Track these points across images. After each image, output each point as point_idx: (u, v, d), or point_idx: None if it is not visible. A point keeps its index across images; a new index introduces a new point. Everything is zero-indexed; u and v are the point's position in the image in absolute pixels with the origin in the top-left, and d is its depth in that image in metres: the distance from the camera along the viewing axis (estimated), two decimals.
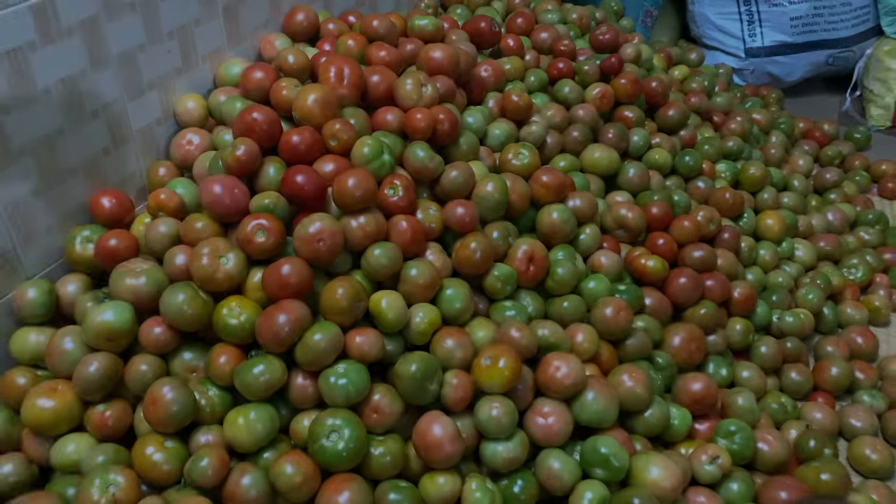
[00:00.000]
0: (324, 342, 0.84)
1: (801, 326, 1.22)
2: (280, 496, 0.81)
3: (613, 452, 0.89)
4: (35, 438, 0.84)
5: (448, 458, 0.85)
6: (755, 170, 1.41)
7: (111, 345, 0.85)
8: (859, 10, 2.01)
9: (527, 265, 1.02)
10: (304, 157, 0.96)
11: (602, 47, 1.52)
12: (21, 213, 0.88)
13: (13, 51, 0.81)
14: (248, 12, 1.16)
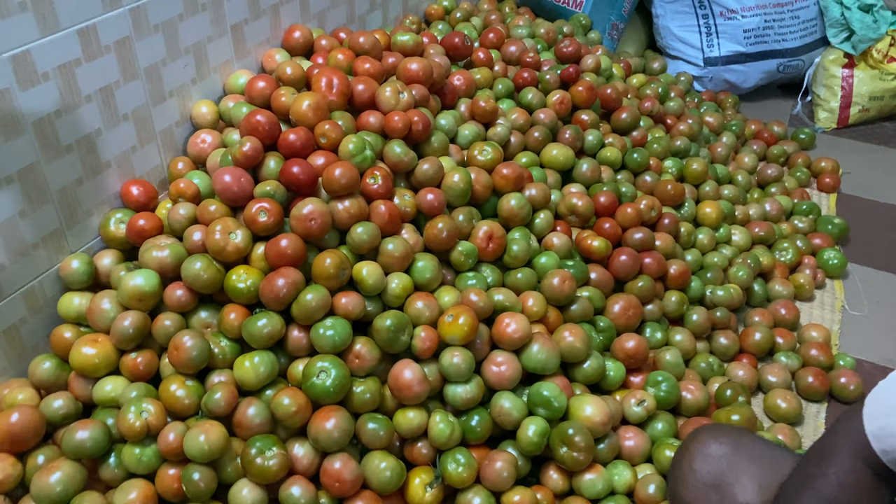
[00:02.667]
0: (315, 301, 1.03)
1: (730, 299, 1.40)
2: (279, 423, 1.00)
3: (554, 395, 1.08)
4: (80, 380, 1.03)
5: (417, 397, 1.04)
6: (697, 165, 1.60)
7: (141, 305, 1.04)
8: (807, 23, 2.21)
9: (487, 243, 1.21)
10: (299, 152, 1.15)
11: (565, 58, 1.72)
12: (67, 198, 1.07)
13: (63, 66, 1.01)
14: (253, 30, 1.35)
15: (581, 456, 1.03)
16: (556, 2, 2.14)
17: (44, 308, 1.08)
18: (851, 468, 0.78)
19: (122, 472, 0.97)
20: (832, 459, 0.79)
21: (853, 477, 0.78)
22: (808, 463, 0.83)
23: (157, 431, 0.96)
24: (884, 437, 0.74)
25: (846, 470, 0.78)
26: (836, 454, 0.79)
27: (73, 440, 0.94)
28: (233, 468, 0.96)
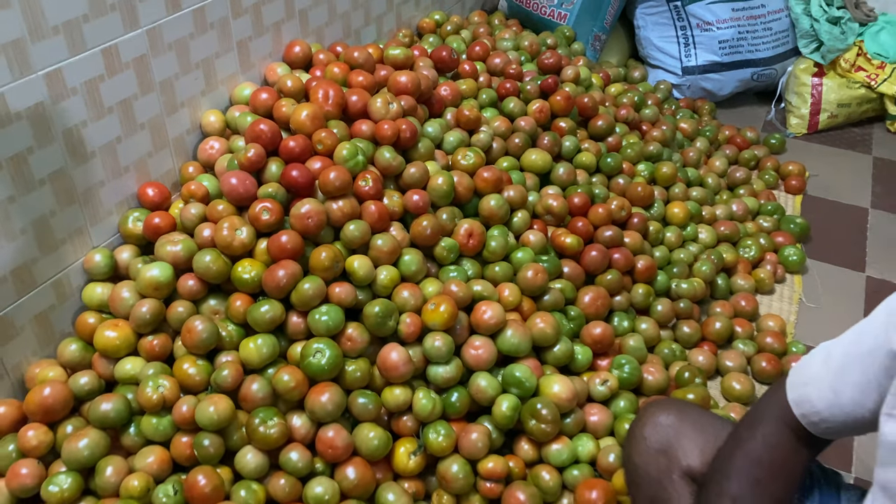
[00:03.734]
0: (311, 290, 1.15)
1: (693, 291, 1.53)
2: (279, 397, 1.12)
3: (525, 376, 1.20)
4: (103, 360, 1.16)
5: (402, 376, 1.17)
6: (667, 168, 1.73)
7: (157, 293, 1.17)
8: (779, 34, 2.34)
9: (467, 239, 1.34)
10: (298, 158, 1.28)
11: (546, 69, 1.85)
12: (91, 199, 1.20)
13: (89, 81, 1.14)
14: (256, 46, 1.48)
15: (548, 428, 1.16)
16: (543, 15, 2.27)
17: (70, 297, 1.21)
18: (776, 431, 0.90)
19: (140, 440, 1.10)
20: (760, 424, 0.92)
21: (777, 438, 0.90)
22: (740, 427, 0.96)
23: (171, 404, 1.09)
24: (802, 403, 0.86)
25: (772, 432, 0.90)
26: (763, 419, 0.92)
27: (98, 411, 1.07)
28: (238, 436, 1.09)
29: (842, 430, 0.84)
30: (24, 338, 1.15)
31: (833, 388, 0.82)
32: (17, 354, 1.14)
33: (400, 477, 1.16)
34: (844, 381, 0.80)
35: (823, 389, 0.83)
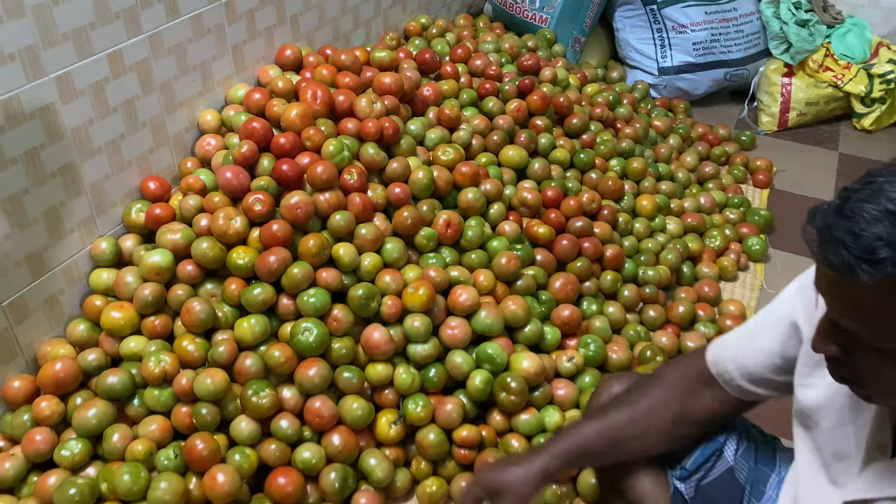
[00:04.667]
0: (300, 275, 1.26)
1: (658, 278, 1.64)
2: (271, 371, 1.23)
3: (497, 353, 1.31)
4: (108, 339, 1.26)
5: (384, 354, 1.28)
6: (637, 164, 1.83)
7: (158, 278, 1.27)
8: (750, 36, 2.45)
9: (446, 229, 1.45)
10: (288, 153, 1.38)
11: (525, 70, 1.95)
12: (97, 191, 1.31)
13: (96, 83, 1.24)
14: (250, 50, 1.59)
15: (517, 399, 1.27)
16: (525, 18, 2.38)
17: (78, 281, 1.31)
18: (688, 366, 1.00)
19: (144, 410, 1.20)
20: (680, 362, 1.03)
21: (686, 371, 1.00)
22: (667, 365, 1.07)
23: (172, 377, 1.19)
24: (717, 363, 0.97)
25: (686, 366, 1.00)
26: (684, 360, 1.03)
27: (105, 384, 1.17)
28: (233, 406, 1.20)
29: (750, 390, 0.95)
30: (36, 318, 1.25)
31: (744, 352, 0.93)
32: (30, 334, 1.25)
33: (382, 444, 1.27)
34: (753, 346, 0.92)
35: (736, 352, 0.94)
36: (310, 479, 1.19)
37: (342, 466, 1.19)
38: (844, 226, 0.60)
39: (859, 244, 0.58)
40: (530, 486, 0.95)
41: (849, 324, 0.65)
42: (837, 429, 0.84)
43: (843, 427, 0.83)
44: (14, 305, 1.20)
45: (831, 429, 0.84)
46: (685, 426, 1.00)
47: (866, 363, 0.67)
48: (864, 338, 0.65)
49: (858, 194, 0.61)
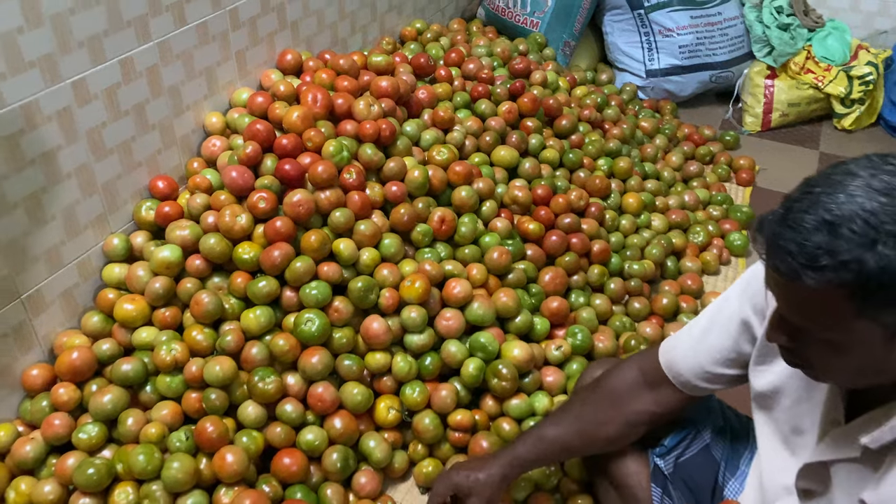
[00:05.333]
0: (302, 268, 1.33)
1: (643, 272, 1.72)
2: (276, 359, 1.30)
3: (489, 342, 1.39)
4: (121, 329, 1.33)
5: (382, 343, 1.35)
6: (624, 163, 1.91)
7: (168, 272, 1.34)
8: (734, 39, 2.53)
9: (440, 225, 1.52)
10: (290, 153, 1.46)
11: (517, 73, 2.03)
12: (109, 190, 1.38)
13: (108, 88, 1.31)
14: (253, 55, 1.66)
15: (508, 385, 1.34)
16: (517, 22, 2.46)
17: (91, 275, 1.38)
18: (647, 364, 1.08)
19: (156, 396, 1.27)
20: (640, 356, 1.11)
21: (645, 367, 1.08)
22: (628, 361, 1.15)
23: (182, 364, 1.26)
24: (669, 366, 1.04)
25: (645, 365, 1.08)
26: (642, 355, 1.11)
27: (119, 371, 1.25)
28: (240, 392, 1.27)
29: (703, 387, 1.02)
30: (52, 311, 1.32)
31: (694, 350, 1.00)
32: (46, 325, 1.32)
33: (380, 428, 1.34)
34: (706, 345, 0.99)
35: (688, 353, 1.02)
36: (313, 460, 1.26)
37: (343, 448, 1.26)
38: (789, 235, 0.66)
39: (803, 252, 0.65)
40: (492, 490, 1.08)
41: (796, 319, 0.73)
42: (795, 407, 0.92)
43: (799, 406, 0.91)
44: (32, 298, 1.27)
45: (789, 408, 0.92)
46: (625, 433, 1.09)
47: (813, 351, 0.75)
48: (809, 330, 0.73)
49: (799, 204, 0.67)
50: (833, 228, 0.65)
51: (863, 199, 0.65)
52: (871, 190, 0.65)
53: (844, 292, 0.65)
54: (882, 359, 0.71)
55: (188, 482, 1.15)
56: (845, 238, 0.64)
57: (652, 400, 1.07)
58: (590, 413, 1.10)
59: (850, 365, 0.73)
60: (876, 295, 0.65)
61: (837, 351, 0.72)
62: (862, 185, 0.66)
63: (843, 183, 0.67)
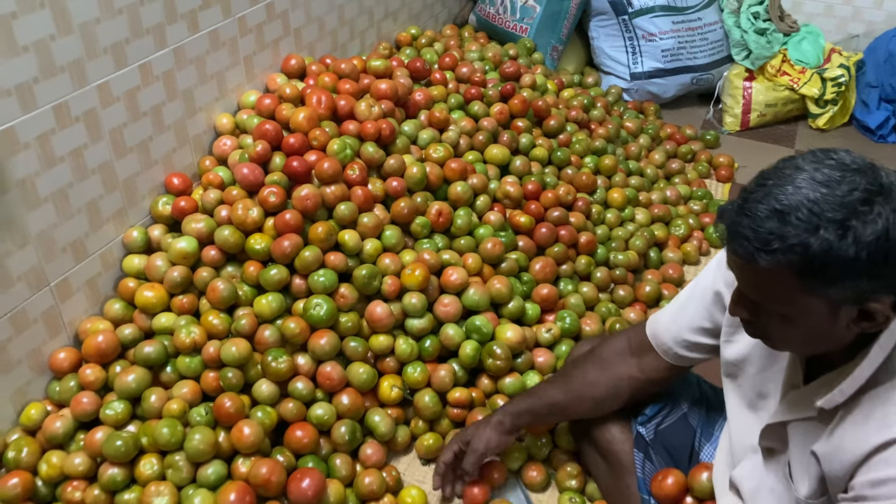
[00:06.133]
0: (311, 257, 1.44)
1: (628, 262, 1.83)
2: (287, 341, 1.40)
3: (484, 325, 1.49)
4: (142, 315, 1.43)
5: (385, 326, 1.45)
6: (609, 161, 2.03)
7: (185, 262, 1.44)
8: (714, 44, 2.66)
9: (438, 217, 1.63)
10: (297, 151, 1.56)
11: (507, 76, 2.14)
12: (129, 187, 1.47)
13: (128, 91, 1.41)
14: (260, 60, 1.76)
15: (502, 364, 1.45)
16: (507, 28, 2.58)
17: (112, 266, 1.48)
18: (634, 335, 1.21)
19: (175, 376, 1.37)
20: (630, 329, 1.24)
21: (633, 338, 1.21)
22: (619, 332, 1.27)
23: (201, 346, 1.36)
24: (654, 336, 1.17)
25: (632, 335, 1.21)
26: (632, 327, 1.24)
27: (142, 352, 1.34)
28: (255, 371, 1.37)
29: (684, 355, 1.14)
30: (77, 298, 1.42)
31: (675, 320, 1.12)
32: (72, 312, 1.41)
33: (384, 405, 1.45)
34: (684, 313, 1.11)
35: (668, 322, 1.13)
36: (323, 434, 1.36)
37: (351, 422, 1.37)
38: (745, 223, 0.76)
39: (758, 237, 0.75)
40: (490, 432, 1.24)
41: (753, 296, 0.84)
42: (759, 375, 1.03)
43: (763, 373, 1.02)
44: (60, 286, 1.37)
45: (754, 375, 1.03)
46: (611, 395, 1.21)
47: (769, 323, 0.86)
48: (764, 305, 0.83)
49: (754, 195, 0.77)
50: (782, 216, 0.74)
51: (807, 190, 0.74)
52: (814, 182, 0.75)
53: (793, 271, 0.75)
54: (828, 328, 0.81)
55: (209, 452, 1.25)
56: (793, 224, 0.74)
57: (637, 366, 1.19)
58: (580, 375, 1.21)
59: (800, 335, 0.84)
60: (819, 273, 0.75)
61: (789, 323, 0.82)
62: (807, 178, 0.75)
63: (791, 176, 0.77)
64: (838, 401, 0.85)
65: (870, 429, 0.80)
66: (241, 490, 1.20)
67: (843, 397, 0.84)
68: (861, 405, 0.82)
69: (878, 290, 0.75)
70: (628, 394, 1.21)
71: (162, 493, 1.22)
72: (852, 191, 0.73)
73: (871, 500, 0.78)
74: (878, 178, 0.75)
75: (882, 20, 2.77)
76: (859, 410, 0.82)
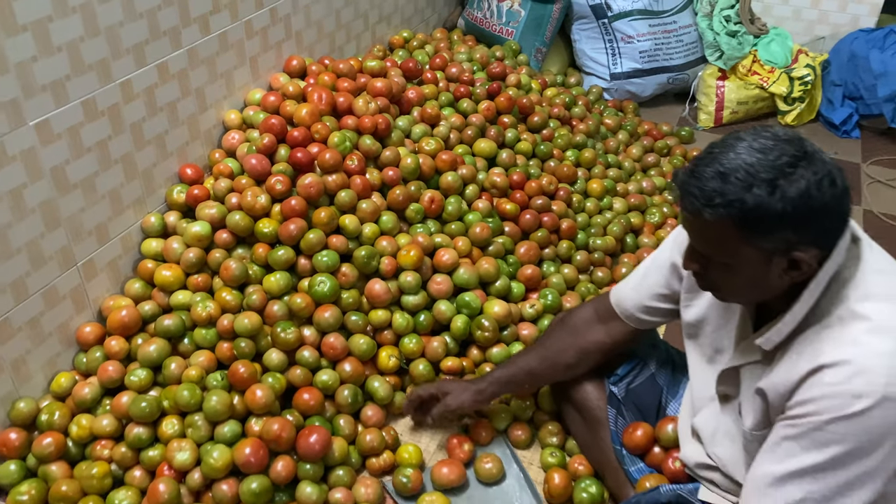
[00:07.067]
0: (314, 239, 1.57)
1: (605, 246, 1.98)
2: (294, 315, 1.54)
3: (473, 300, 1.63)
4: (160, 293, 1.56)
5: (383, 302, 1.60)
6: (588, 154, 2.18)
7: (200, 244, 1.58)
8: (689, 45, 2.82)
9: (430, 204, 1.77)
10: (300, 144, 1.70)
11: (494, 76, 2.29)
12: (147, 176, 1.61)
13: (147, 88, 1.55)
14: (264, 61, 1.90)
15: (490, 335, 1.60)
16: (493, 31, 2.73)
17: (132, 249, 1.61)
18: (600, 304, 1.36)
19: (192, 347, 1.50)
20: (595, 299, 1.39)
21: (588, 314, 1.37)
22: (585, 303, 1.42)
23: (216, 319, 1.50)
24: (618, 303, 1.32)
25: (598, 305, 1.37)
26: (597, 298, 1.38)
27: (162, 325, 1.48)
28: (265, 342, 1.50)
29: (645, 318, 1.29)
30: (101, 278, 1.55)
31: (636, 289, 1.27)
32: (96, 290, 1.54)
33: (383, 373, 1.58)
34: (644, 283, 1.26)
35: (630, 291, 1.28)
36: (328, 398, 1.50)
37: (353, 387, 1.50)
38: (694, 183, 0.91)
39: (703, 195, 0.90)
40: (468, 395, 1.39)
41: (702, 248, 0.99)
42: (715, 332, 1.17)
43: (719, 331, 1.16)
44: (86, 266, 1.50)
45: (711, 333, 1.18)
46: (580, 359, 1.36)
47: (717, 274, 1.00)
48: (711, 256, 0.98)
49: (702, 161, 0.92)
50: (724, 177, 0.89)
51: (745, 155, 0.89)
52: (751, 149, 0.90)
53: (732, 223, 0.90)
54: (763, 277, 0.95)
55: (225, 413, 1.38)
56: (732, 183, 0.88)
57: (604, 332, 1.33)
58: (553, 343, 1.36)
59: (742, 283, 0.98)
60: (754, 225, 0.89)
61: (732, 272, 0.97)
62: (746, 146, 0.90)
63: (733, 145, 0.92)
64: (776, 340, 0.99)
65: (802, 360, 0.94)
66: (255, 445, 1.34)
67: (779, 337, 0.98)
68: (795, 344, 0.97)
69: (804, 241, 0.90)
70: (597, 357, 1.36)
71: (183, 448, 1.35)
72: (781, 156, 0.88)
73: (801, 416, 0.92)
74: (803, 146, 0.90)
75: (846, 23, 2.94)
76: (793, 349, 0.97)
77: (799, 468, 0.92)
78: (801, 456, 0.92)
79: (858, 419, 0.87)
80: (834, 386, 0.89)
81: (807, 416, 0.92)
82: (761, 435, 1.04)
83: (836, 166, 0.90)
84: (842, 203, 0.90)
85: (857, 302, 0.93)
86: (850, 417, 0.88)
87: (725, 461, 1.15)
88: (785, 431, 0.95)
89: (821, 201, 0.87)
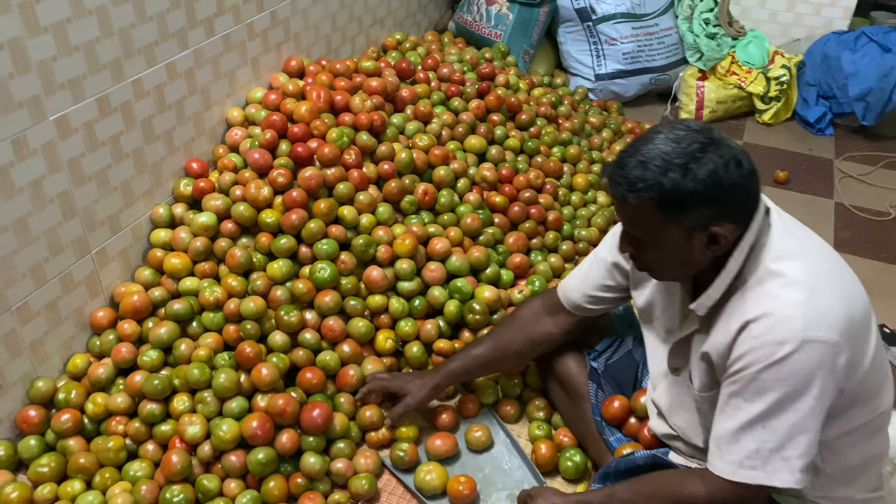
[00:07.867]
0: (315, 228, 1.67)
1: (589, 237, 2.09)
2: (296, 299, 1.63)
3: (465, 286, 1.74)
4: (169, 280, 1.65)
5: (380, 288, 1.69)
6: (574, 150, 2.29)
7: (206, 233, 1.67)
8: (670, 47, 2.94)
9: (423, 196, 1.87)
10: (301, 139, 1.80)
11: (483, 76, 2.40)
12: (156, 170, 1.70)
13: (156, 86, 1.64)
14: (265, 61, 2.00)
15: (481, 318, 1.70)
16: (482, 34, 2.83)
17: (142, 238, 1.70)
18: (547, 298, 1.47)
19: (201, 329, 1.59)
20: (543, 294, 1.50)
21: (536, 307, 1.48)
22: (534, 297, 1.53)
23: (223, 303, 1.59)
24: (565, 296, 1.42)
25: (546, 299, 1.47)
26: (544, 293, 1.50)
27: (172, 309, 1.57)
28: (269, 325, 1.60)
29: (592, 308, 1.40)
30: (113, 266, 1.64)
31: (582, 282, 1.38)
32: (108, 277, 1.63)
33: (380, 354, 1.68)
34: (589, 276, 1.37)
35: (577, 284, 1.39)
36: (328, 377, 1.60)
37: (353, 366, 1.60)
38: (619, 172, 1.03)
39: (627, 181, 1.02)
40: (426, 391, 1.49)
41: (632, 230, 1.10)
42: (663, 314, 1.28)
43: (666, 312, 1.27)
44: (99, 254, 1.59)
45: (660, 315, 1.29)
46: (530, 349, 1.48)
47: (649, 254, 1.11)
48: (642, 238, 1.09)
49: (626, 153, 1.04)
50: (644, 164, 1.01)
51: (662, 145, 1.01)
52: (667, 140, 1.01)
53: (654, 205, 1.01)
54: (688, 252, 1.06)
55: (233, 389, 1.47)
56: (650, 170, 1.00)
57: (551, 323, 1.45)
58: (503, 334, 1.48)
59: (670, 259, 1.09)
60: (672, 205, 1.00)
61: (659, 250, 1.08)
62: (663, 137, 1.02)
63: (651, 137, 1.03)
64: (707, 305, 1.09)
65: (732, 320, 1.05)
66: (262, 419, 1.43)
67: (710, 301, 1.09)
68: (726, 308, 1.08)
69: (719, 217, 1.01)
70: (545, 346, 1.48)
71: (194, 422, 1.45)
72: (692, 143, 1.00)
73: (739, 371, 1.03)
74: (711, 134, 1.02)
75: (820, 25, 3.07)
76: (725, 312, 1.08)
77: (747, 419, 1.03)
78: (746, 408, 1.03)
79: (785, 363, 0.98)
80: (760, 337, 1.00)
81: (743, 370, 1.03)
82: (710, 396, 1.14)
83: (741, 150, 1.02)
84: (749, 181, 1.02)
85: (771, 262, 1.04)
86: (778, 363, 0.99)
87: (684, 429, 1.25)
88: (729, 389, 1.06)
89: (729, 181, 0.99)
